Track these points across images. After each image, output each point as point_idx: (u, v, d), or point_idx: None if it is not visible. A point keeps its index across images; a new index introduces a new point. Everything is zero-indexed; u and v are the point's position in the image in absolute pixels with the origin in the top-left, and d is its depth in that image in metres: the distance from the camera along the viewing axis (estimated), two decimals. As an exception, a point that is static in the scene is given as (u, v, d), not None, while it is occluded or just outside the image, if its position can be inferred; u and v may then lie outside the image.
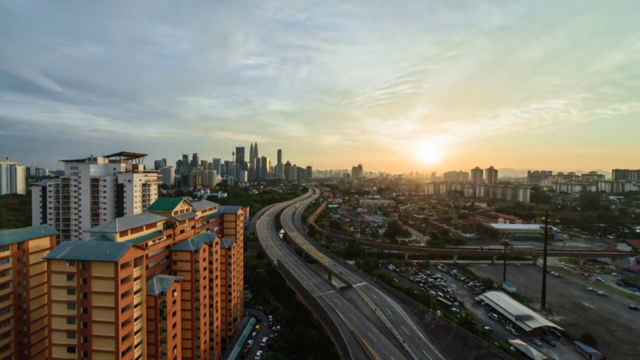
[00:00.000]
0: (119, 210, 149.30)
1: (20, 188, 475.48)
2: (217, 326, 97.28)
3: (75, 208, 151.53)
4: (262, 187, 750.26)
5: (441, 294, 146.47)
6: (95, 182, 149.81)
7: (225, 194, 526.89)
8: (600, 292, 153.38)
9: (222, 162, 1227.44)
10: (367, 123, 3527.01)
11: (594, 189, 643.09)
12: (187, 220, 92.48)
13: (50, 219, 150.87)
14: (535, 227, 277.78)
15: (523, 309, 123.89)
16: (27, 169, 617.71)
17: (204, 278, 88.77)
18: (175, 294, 73.22)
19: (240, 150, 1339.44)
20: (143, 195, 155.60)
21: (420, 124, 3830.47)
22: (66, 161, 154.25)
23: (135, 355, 62.20)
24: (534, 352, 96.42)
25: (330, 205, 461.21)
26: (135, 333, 62.64)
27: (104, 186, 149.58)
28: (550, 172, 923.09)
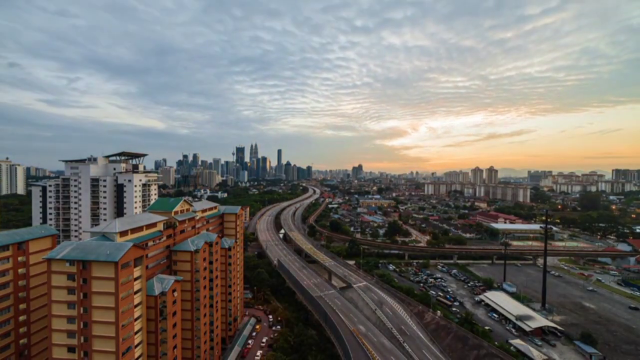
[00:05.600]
0: (119, 210, 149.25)
1: (20, 188, 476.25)
2: (217, 326, 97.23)
3: (75, 208, 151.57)
4: (262, 187, 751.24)
5: (441, 294, 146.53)
6: (95, 182, 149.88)
7: (226, 194, 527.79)
8: (601, 292, 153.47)
9: (222, 162, 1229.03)
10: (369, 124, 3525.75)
11: (594, 189, 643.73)
12: (187, 221, 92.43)
13: (50, 219, 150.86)
14: (535, 227, 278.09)
15: (523, 309, 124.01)
16: (27, 169, 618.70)
17: (204, 278, 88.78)
18: (176, 294, 73.20)
19: (240, 150, 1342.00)
20: (143, 196, 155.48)
21: (422, 125, 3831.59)
22: (66, 161, 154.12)
23: (136, 355, 62.13)
24: (534, 352, 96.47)
25: (330, 206, 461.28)
26: (136, 333, 62.57)
27: (104, 186, 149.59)
28: (550, 172, 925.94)
